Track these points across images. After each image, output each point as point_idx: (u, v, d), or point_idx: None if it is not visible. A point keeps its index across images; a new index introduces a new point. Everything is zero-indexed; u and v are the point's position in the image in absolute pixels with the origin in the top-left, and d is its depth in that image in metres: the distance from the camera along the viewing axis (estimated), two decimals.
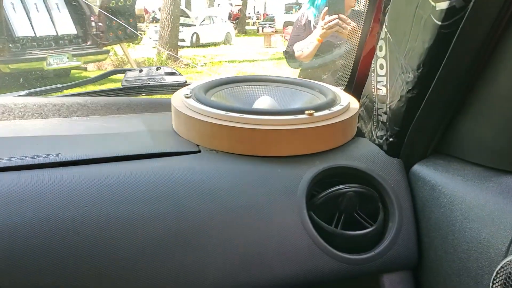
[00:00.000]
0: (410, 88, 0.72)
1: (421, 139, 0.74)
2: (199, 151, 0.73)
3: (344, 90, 0.97)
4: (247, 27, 17.83)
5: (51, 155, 0.67)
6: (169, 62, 9.28)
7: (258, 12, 24.82)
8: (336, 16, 1.91)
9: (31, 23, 6.92)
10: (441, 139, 0.74)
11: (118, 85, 1.06)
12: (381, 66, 0.80)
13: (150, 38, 12.03)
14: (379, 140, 0.82)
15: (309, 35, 2.11)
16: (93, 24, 7.58)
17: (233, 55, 11.45)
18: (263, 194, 0.68)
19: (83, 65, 7.79)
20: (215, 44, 13.54)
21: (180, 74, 1.05)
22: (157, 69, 1.05)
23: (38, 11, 7.04)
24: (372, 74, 0.83)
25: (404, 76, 0.73)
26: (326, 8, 1.95)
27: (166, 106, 0.94)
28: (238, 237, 0.64)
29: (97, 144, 0.75)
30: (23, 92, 1.06)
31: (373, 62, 0.83)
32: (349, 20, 1.95)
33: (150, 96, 1.05)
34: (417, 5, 0.69)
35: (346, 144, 0.80)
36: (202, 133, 0.74)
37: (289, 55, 2.24)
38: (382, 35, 0.79)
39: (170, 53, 9.34)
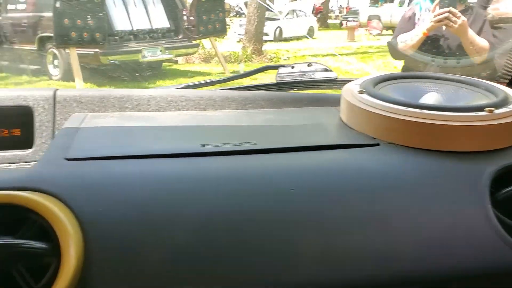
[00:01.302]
0: None
1: None
2: (378, 144, 0.77)
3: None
4: (329, 21, 17.69)
5: (249, 143, 0.74)
6: (254, 56, 9.43)
7: (341, 5, 24.49)
8: (447, 9, 1.88)
9: (129, 17, 7.31)
10: None
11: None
12: None
13: (234, 32, 12.28)
14: None
15: (414, 28, 2.09)
16: (184, 18, 7.89)
17: (316, 49, 11.41)
18: (446, 187, 0.70)
19: (174, 58, 8.14)
20: (297, 38, 13.56)
21: (331, 70, 1.09)
22: (308, 65, 1.10)
23: (135, 5, 7.42)
24: None
25: None
26: (438, 0, 1.92)
27: (323, 101, 0.99)
28: (424, 226, 0.67)
29: (282, 134, 0.81)
30: (182, 85, 1.15)
31: None
32: (460, 14, 1.91)
33: (302, 91, 1.10)
34: None
35: None
36: (381, 127, 0.77)
37: (392, 46, 2.23)
38: None
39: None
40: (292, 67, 1.10)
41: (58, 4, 6.16)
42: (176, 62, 8.53)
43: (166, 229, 0.59)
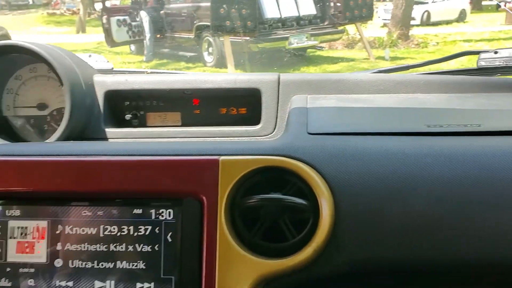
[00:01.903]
0: None
1: None
2: None
3: None
4: (483, 3, 16.26)
5: (474, 125, 0.78)
6: (400, 41, 9.11)
7: None
8: None
9: (278, 5, 7.54)
10: None
11: None
12: None
13: (379, 17, 11.94)
14: None
15: None
16: (331, 4, 7.91)
17: (468, 34, 10.62)
18: None
19: (318, 45, 8.22)
20: (447, 22, 12.72)
21: None
22: None
23: None
24: None
25: None
26: None
27: None
28: None
29: (504, 118, 0.83)
30: (375, 70, 1.21)
31: None
32: None
33: (506, 77, 1.10)
34: None
35: None
36: None
37: None
38: None
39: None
40: (496, 53, 1.09)
41: None
42: (320, 48, 8.59)
43: (404, 201, 0.67)
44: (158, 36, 8.40)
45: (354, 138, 0.75)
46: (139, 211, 0.67)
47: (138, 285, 0.66)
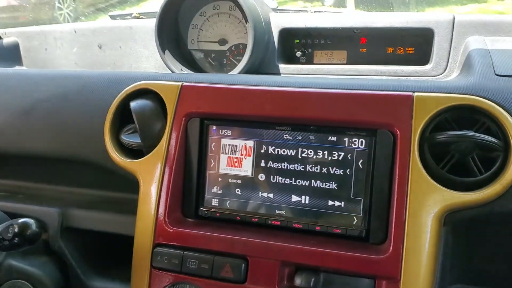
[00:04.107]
0: None
1: None
2: None
3: None
4: None
5: None
6: None
7: None
8: None
9: None
10: None
11: None
12: None
13: None
14: None
15: None
16: None
17: None
18: None
19: None
20: None
21: None
22: None
23: None
24: None
25: None
26: None
27: None
28: None
29: None
30: None
31: None
32: None
33: None
34: None
35: None
36: None
37: None
38: None
39: None
40: None
41: None
42: None
43: None
44: None
45: None
46: (333, 138, 0.75)
47: (330, 202, 0.75)
